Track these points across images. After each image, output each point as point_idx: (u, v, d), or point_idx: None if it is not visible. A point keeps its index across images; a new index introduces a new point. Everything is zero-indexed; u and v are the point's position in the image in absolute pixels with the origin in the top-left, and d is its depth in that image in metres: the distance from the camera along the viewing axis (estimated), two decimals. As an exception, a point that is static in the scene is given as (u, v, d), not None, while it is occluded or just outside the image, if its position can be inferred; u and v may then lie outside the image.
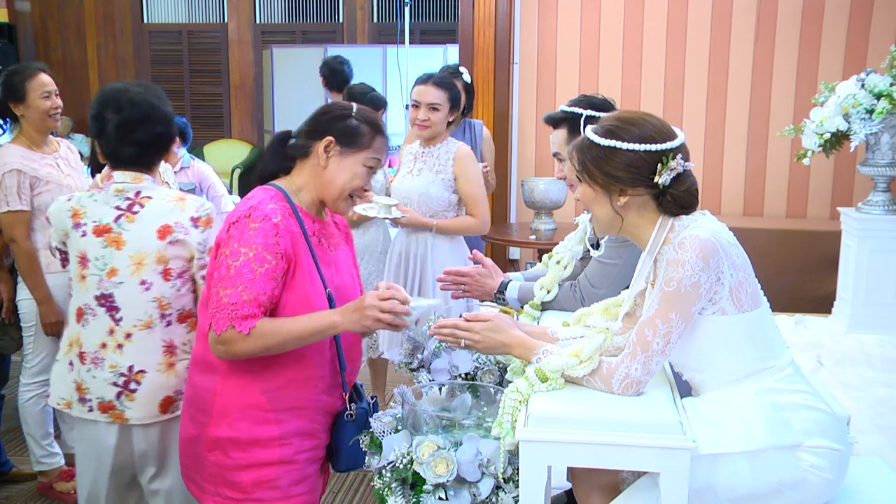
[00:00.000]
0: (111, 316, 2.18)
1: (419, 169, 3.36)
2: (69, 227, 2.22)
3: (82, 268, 2.20)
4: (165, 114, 2.26)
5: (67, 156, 3.29)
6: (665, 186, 1.73)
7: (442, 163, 3.32)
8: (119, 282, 2.17)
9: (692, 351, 1.75)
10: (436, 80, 3.30)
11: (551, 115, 2.43)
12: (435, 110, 3.26)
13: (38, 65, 3.23)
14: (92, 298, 2.19)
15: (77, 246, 2.21)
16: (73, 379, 2.23)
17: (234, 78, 9.08)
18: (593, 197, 1.79)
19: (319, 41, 8.54)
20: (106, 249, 2.17)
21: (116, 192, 2.21)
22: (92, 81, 8.91)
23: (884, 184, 3.64)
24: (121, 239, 2.18)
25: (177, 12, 9.10)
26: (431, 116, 3.27)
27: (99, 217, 2.19)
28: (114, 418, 2.21)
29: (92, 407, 2.21)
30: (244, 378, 1.93)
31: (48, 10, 8.80)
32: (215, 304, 1.84)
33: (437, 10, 8.56)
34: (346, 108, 2.01)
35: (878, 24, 5.11)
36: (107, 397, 2.20)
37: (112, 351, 2.19)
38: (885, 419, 2.89)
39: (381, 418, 2.07)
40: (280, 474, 1.94)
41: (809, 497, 1.69)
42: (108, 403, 2.20)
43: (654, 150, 1.72)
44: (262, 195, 1.92)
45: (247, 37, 8.99)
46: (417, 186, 3.32)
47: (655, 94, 5.41)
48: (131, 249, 2.18)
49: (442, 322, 1.99)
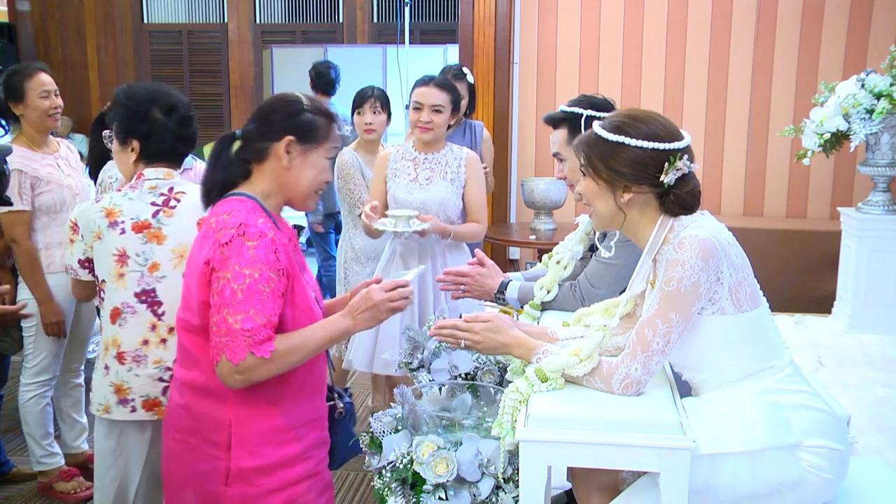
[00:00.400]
0: (153, 311, 2.20)
1: (427, 177, 3.24)
2: (104, 227, 2.20)
3: (121, 265, 2.19)
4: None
5: (67, 156, 3.29)
6: (669, 186, 1.73)
7: (454, 170, 3.24)
8: (161, 276, 2.20)
9: (692, 351, 1.76)
10: (438, 82, 3.23)
11: (551, 115, 2.44)
12: (438, 112, 3.18)
13: (38, 64, 3.24)
14: (131, 296, 2.19)
15: (114, 244, 2.19)
16: (111, 382, 2.22)
17: (234, 78, 9.08)
18: (597, 192, 1.80)
19: (319, 41, 8.53)
20: (147, 245, 2.19)
21: (150, 188, 2.23)
22: (92, 81, 8.91)
23: (884, 184, 3.64)
24: (161, 234, 2.20)
25: (177, 12, 9.10)
26: (435, 119, 3.18)
27: (136, 214, 2.21)
28: (159, 414, 2.20)
29: (135, 407, 2.22)
30: (258, 402, 1.82)
31: (48, 10, 8.79)
32: (225, 332, 1.72)
33: (437, 10, 8.56)
34: (297, 102, 1.89)
35: (878, 24, 5.11)
36: (152, 394, 2.21)
37: (155, 346, 2.20)
38: (885, 419, 2.89)
39: (381, 418, 2.08)
40: (308, 489, 1.89)
41: (809, 497, 1.69)
42: (153, 400, 2.21)
43: (661, 149, 1.72)
44: (241, 208, 1.80)
45: (247, 37, 8.99)
46: (436, 197, 3.19)
47: (655, 94, 5.40)
48: (173, 243, 2.20)
49: (442, 323, 1.99)
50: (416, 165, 3.27)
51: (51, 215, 3.15)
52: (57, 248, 3.17)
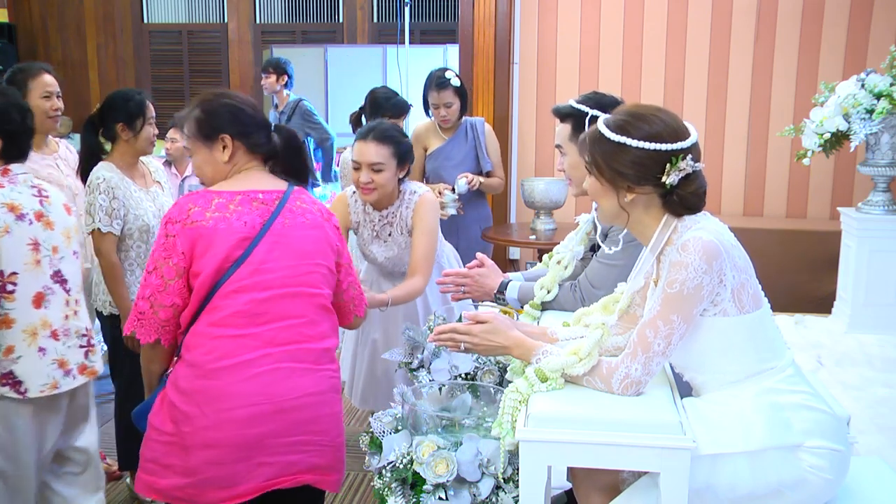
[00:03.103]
0: (64, 289, 2.38)
1: (388, 233, 2.94)
2: (11, 221, 2.28)
3: (36, 253, 2.32)
4: None
5: (66, 156, 3.29)
6: (672, 186, 1.72)
7: (406, 219, 2.90)
8: (61, 257, 2.38)
9: (693, 352, 1.75)
10: (377, 134, 2.79)
11: (559, 108, 2.45)
12: (378, 172, 2.78)
13: (43, 65, 3.24)
14: (49, 279, 2.35)
15: (26, 235, 2.30)
16: (53, 359, 2.34)
17: (234, 78, 9.08)
18: (601, 190, 1.79)
19: (319, 41, 8.53)
20: (46, 232, 2.35)
21: (24, 181, 2.38)
22: (92, 81, 8.92)
23: (884, 184, 3.64)
24: (51, 220, 2.36)
25: (177, 12, 9.10)
26: (376, 178, 2.78)
27: (31, 205, 2.34)
28: (88, 375, 2.44)
29: (75, 375, 2.40)
30: None
31: (48, 10, 8.79)
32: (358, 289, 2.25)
33: (437, 10, 8.56)
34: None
35: (878, 24, 5.11)
36: (81, 360, 2.42)
37: (73, 319, 2.41)
38: (885, 419, 2.89)
39: (381, 418, 2.08)
40: None
41: (809, 497, 1.69)
42: (82, 365, 2.42)
43: (663, 150, 1.71)
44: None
45: (247, 37, 8.99)
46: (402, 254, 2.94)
47: (655, 94, 5.40)
48: (60, 227, 2.38)
49: (440, 328, 1.99)
50: (374, 223, 2.96)
51: (51, 215, 3.14)
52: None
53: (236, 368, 1.91)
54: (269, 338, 1.94)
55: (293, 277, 1.99)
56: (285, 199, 2.05)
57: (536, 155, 5.64)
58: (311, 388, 1.98)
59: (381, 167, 2.77)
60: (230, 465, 1.89)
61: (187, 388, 1.92)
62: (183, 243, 1.93)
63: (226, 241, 1.93)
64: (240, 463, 1.89)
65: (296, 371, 1.95)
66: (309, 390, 1.97)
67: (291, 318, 1.98)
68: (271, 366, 1.93)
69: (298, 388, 1.95)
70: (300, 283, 2.00)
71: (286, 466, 1.94)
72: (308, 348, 1.99)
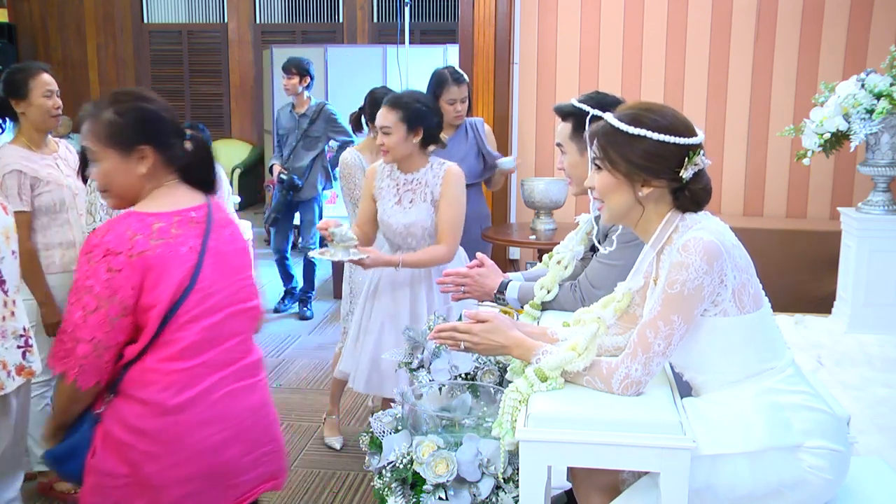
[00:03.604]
0: (2, 289, 2.38)
1: (410, 199, 3.06)
2: None
3: None
4: None
5: (66, 156, 3.29)
6: (686, 181, 1.72)
7: (434, 189, 3.05)
8: (1, 257, 2.37)
9: (693, 352, 1.75)
10: (389, 100, 3.03)
11: (560, 107, 2.44)
12: (387, 134, 2.99)
13: (41, 64, 3.24)
14: None
15: None
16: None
17: (234, 78, 9.08)
18: (614, 185, 1.76)
19: (319, 41, 8.54)
20: None
21: None
22: (92, 81, 8.92)
23: (884, 184, 3.64)
24: None
25: (177, 12, 9.10)
26: (386, 141, 2.98)
27: None
28: (26, 375, 2.44)
29: (14, 376, 2.40)
30: None
31: (48, 10, 8.80)
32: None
33: (437, 10, 8.56)
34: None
35: (878, 24, 5.11)
36: (19, 360, 2.42)
37: (10, 319, 2.40)
38: (885, 419, 2.89)
39: (381, 418, 2.08)
40: None
41: (809, 497, 1.69)
42: (20, 366, 2.42)
43: (682, 144, 1.72)
44: None
45: (247, 37, 8.99)
46: (419, 221, 3.04)
47: (655, 94, 5.40)
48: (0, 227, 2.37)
49: (441, 326, 1.99)
50: (399, 187, 3.09)
51: (50, 216, 3.15)
52: (56, 249, 3.17)
53: (197, 399, 1.86)
54: (220, 361, 1.91)
55: (233, 295, 1.94)
56: (210, 214, 1.95)
57: (536, 155, 5.64)
58: (258, 402, 2.00)
59: (389, 130, 2.98)
60: (205, 495, 1.89)
61: (145, 427, 1.83)
62: (131, 277, 1.77)
63: (176, 270, 1.82)
64: (213, 490, 1.90)
65: (245, 389, 1.97)
66: (256, 405, 1.99)
67: (234, 336, 1.95)
68: (225, 389, 1.92)
69: (249, 406, 1.97)
70: (239, 300, 1.96)
71: (250, 482, 1.98)
72: (247, 363, 1.99)
